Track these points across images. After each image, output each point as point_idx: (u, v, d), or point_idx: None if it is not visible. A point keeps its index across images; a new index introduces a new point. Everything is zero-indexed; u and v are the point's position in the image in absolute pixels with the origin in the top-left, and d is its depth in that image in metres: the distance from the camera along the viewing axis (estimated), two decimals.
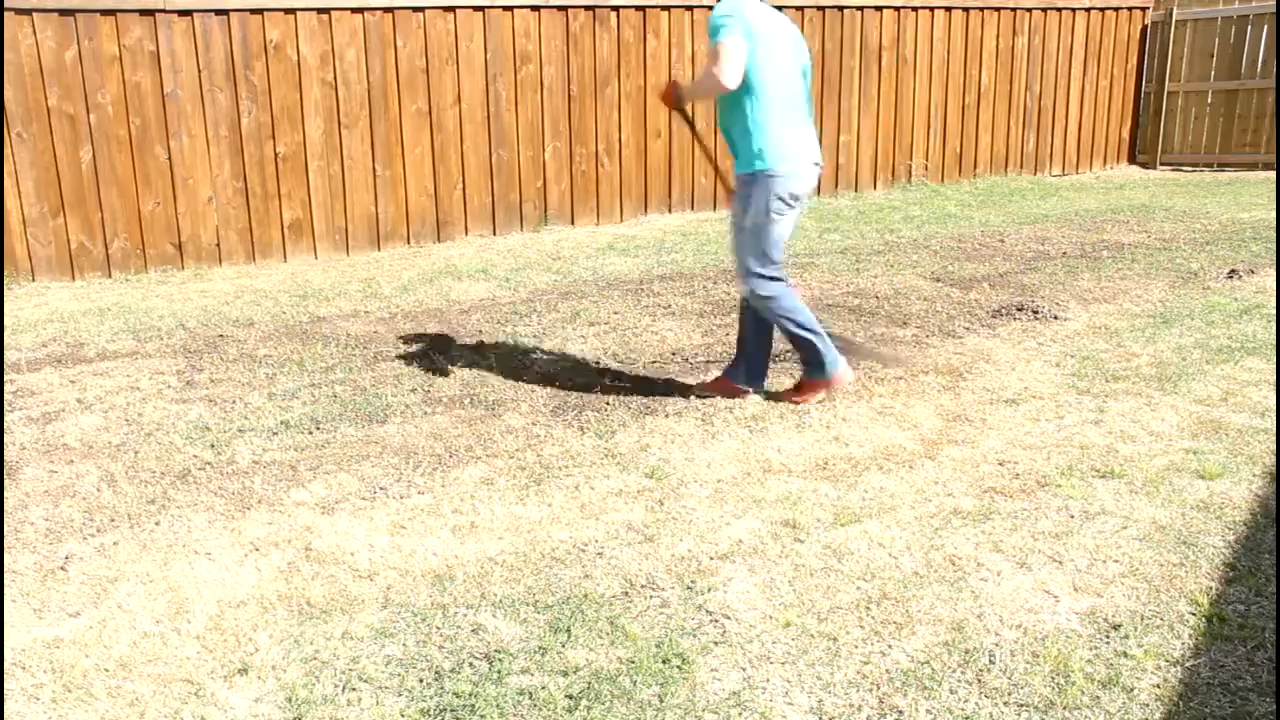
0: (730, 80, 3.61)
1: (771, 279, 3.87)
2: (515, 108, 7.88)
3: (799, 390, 4.03)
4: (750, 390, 4.07)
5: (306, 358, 4.82)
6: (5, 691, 2.30)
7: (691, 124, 4.25)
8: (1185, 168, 11.04)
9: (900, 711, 2.14)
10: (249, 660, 2.39)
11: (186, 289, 6.49)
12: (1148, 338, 4.73)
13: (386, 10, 7.30)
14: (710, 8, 3.97)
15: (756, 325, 4.02)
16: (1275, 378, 4.08)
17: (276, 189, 7.21)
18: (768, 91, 3.72)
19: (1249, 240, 6.85)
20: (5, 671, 2.37)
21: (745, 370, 4.08)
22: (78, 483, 3.45)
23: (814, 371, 3.97)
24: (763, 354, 4.08)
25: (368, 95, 7.36)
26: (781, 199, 3.78)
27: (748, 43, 3.63)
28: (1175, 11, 10.82)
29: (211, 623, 2.56)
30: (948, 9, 9.68)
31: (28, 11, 6.34)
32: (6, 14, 6.29)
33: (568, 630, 2.46)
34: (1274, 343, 4.53)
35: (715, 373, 4.34)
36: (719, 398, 4.05)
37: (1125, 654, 2.30)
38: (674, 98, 3.98)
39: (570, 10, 7.93)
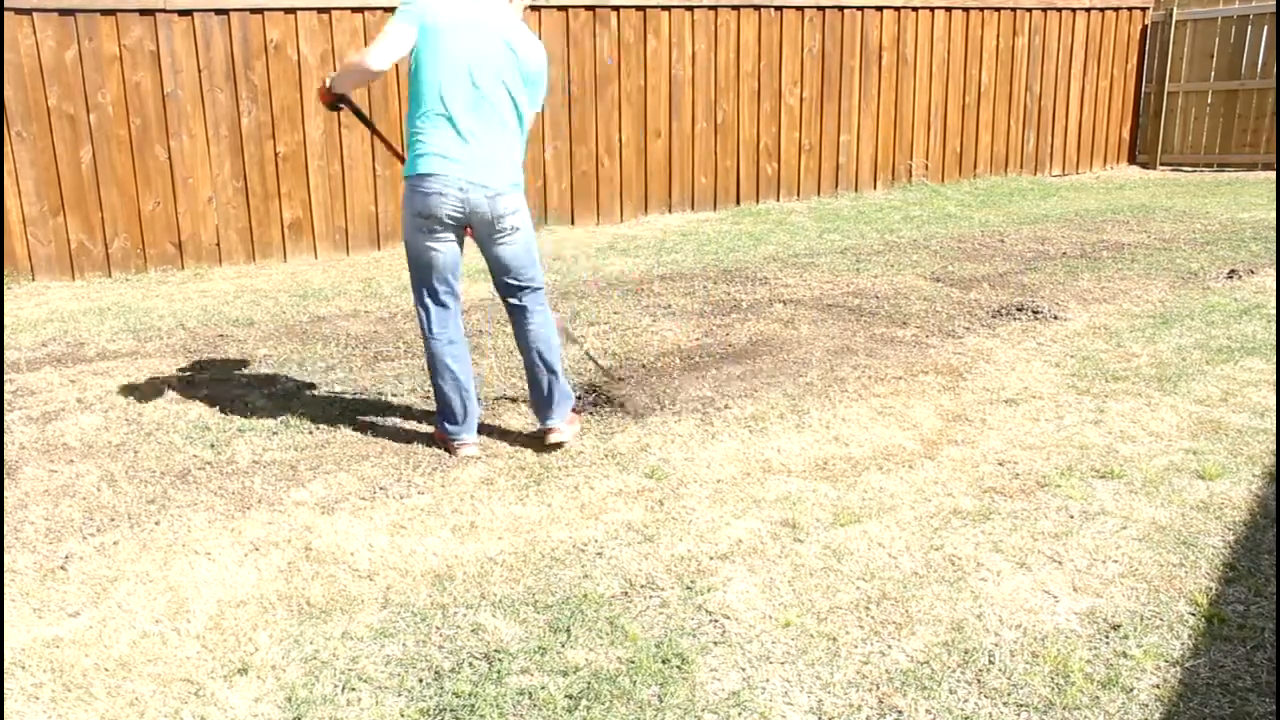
0: (373, 61, 3.32)
1: (424, 311, 3.52)
2: None
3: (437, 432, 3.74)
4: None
5: (306, 358, 4.82)
6: (5, 691, 2.30)
7: (360, 113, 3.81)
8: (1185, 168, 11.04)
9: (900, 711, 2.14)
10: (249, 660, 2.39)
11: (186, 289, 6.49)
12: (1148, 338, 4.73)
13: (387, 10, 7.29)
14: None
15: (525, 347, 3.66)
16: (1275, 378, 4.08)
17: (276, 189, 7.21)
18: (428, 91, 3.36)
19: (1249, 240, 6.85)
20: (5, 671, 2.37)
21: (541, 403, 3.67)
22: (78, 482, 3.45)
23: (440, 423, 3.67)
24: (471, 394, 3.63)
25: (368, 95, 7.35)
26: (418, 214, 3.38)
27: (416, 32, 3.35)
28: (1175, 12, 10.82)
29: (211, 622, 2.56)
30: (948, 9, 9.68)
31: (28, 11, 6.34)
32: (6, 14, 6.29)
33: (567, 630, 2.46)
34: (1274, 343, 4.53)
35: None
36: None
37: (1125, 654, 2.30)
38: (326, 93, 3.59)
39: (570, 10, 7.93)
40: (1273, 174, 9.92)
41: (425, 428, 3.86)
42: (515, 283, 3.57)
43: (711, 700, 2.19)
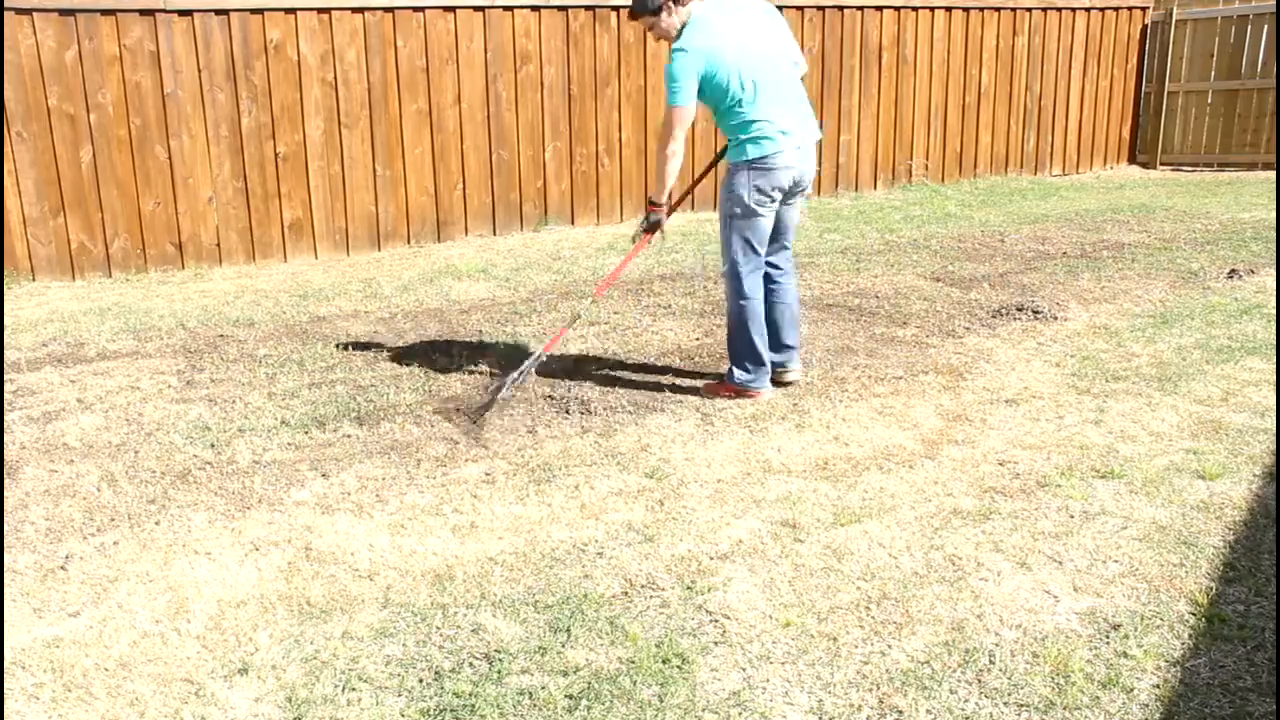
0: None
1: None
2: (515, 108, 7.87)
3: None
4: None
5: (306, 358, 4.82)
6: (5, 691, 2.30)
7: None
8: (1185, 168, 11.04)
9: (900, 711, 2.14)
10: (249, 660, 2.39)
11: (186, 289, 6.49)
12: (1148, 338, 4.73)
13: (387, 10, 7.30)
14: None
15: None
16: (1275, 378, 4.08)
17: (277, 189, 7.21)
18: None
19: (1249, 240, 6.85)
20: (5, 671, 2.37)
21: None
22: (78, 482, 3.45)
23: (743, 377, 4.10)
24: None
25: (368, 95, 7.35)
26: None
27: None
28: (1175, 11, 10.81)
29: (211, 622, 2.56)
30: (948, 9, 9.67)
31: (28, 11, 6.34)
32: (6, 14, 6.28)
33: (568, 630, 2.46)
34: (1274, 343, 4.53)
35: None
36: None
37: (1125, 654, 2.30)
38: None
39: (570, 10, 7.93)
40: (1273, 174, 9.92)
41: (425, 428, 3.86)
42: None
43: (712, 700, 2.19)
